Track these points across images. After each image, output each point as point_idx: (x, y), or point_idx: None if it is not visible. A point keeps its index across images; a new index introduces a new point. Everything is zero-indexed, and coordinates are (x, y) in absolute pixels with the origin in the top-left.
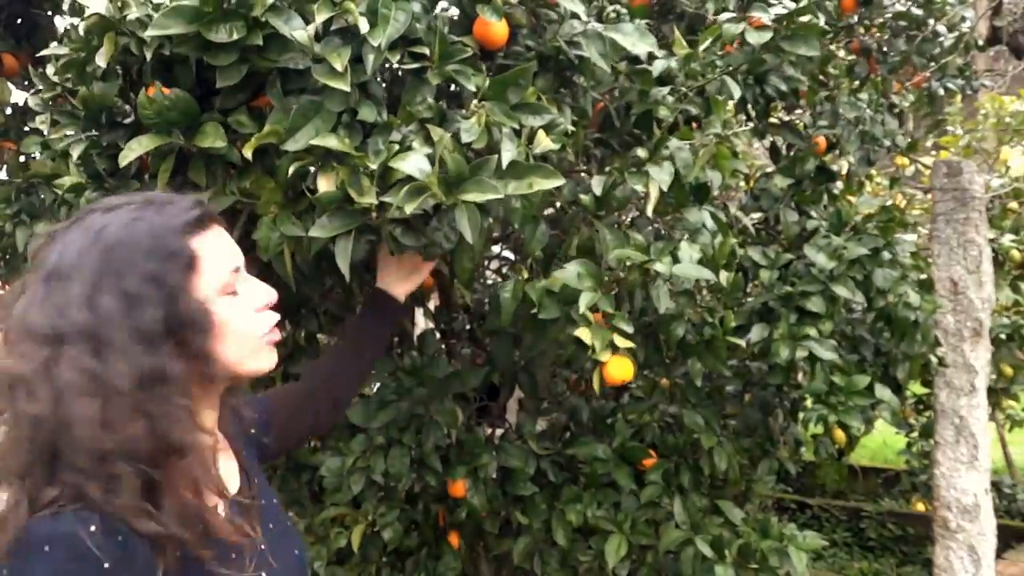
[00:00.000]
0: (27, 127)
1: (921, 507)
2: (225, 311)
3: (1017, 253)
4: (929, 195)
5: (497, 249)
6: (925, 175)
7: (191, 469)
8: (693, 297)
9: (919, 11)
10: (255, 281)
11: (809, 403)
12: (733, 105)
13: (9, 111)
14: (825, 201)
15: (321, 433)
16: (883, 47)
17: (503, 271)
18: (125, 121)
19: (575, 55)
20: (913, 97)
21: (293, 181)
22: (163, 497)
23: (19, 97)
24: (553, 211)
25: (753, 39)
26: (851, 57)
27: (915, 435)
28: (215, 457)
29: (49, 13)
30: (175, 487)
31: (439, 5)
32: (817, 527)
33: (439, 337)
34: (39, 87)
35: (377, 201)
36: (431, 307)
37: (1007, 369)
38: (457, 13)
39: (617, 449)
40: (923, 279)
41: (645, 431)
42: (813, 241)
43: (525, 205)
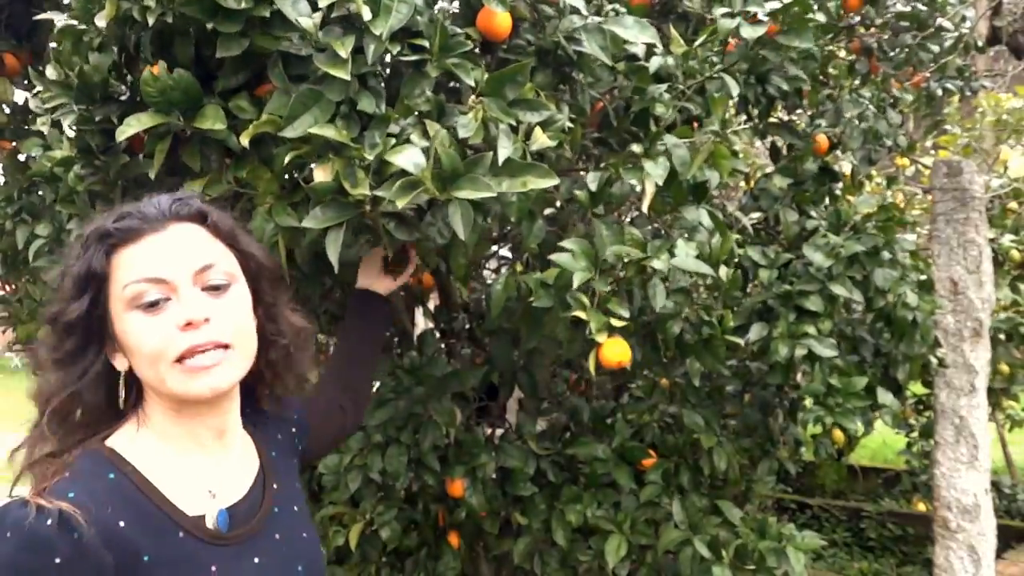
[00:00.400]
0: (27, 127)
1: (922, 507)
2: (129, 326)
3: (1017, 253)
4: (929, 195)
5: (496, 249)
6: (925, 175)
7: None
8: (690, 295)
9: (924, 8)
10: (197, 299)
11: (808, 404)
12: (734, 105)
13: (9, 111)
14: (827, 201)
15: (350, 433)
16: (884, 46)
17: (502, 270)
18: (120, 97)
19: (574, 51)
20: (912, 97)
21: (289, 171)
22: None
23: (19, 97)
24: (553, 210)
25: (747, 33)
26: (851, 57)
27: (915, 435)
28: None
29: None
30: None
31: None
32: (817, 527)
33: (439, 337)
34: (39, 88)
35: (371, 194)
36: (431, 307)
37: (1004, 367)
38: (459, 5)
39: (617, 449)
40: (923, 279)
41: (645, 431)
42: (812, 240)
43: (521, 199)
